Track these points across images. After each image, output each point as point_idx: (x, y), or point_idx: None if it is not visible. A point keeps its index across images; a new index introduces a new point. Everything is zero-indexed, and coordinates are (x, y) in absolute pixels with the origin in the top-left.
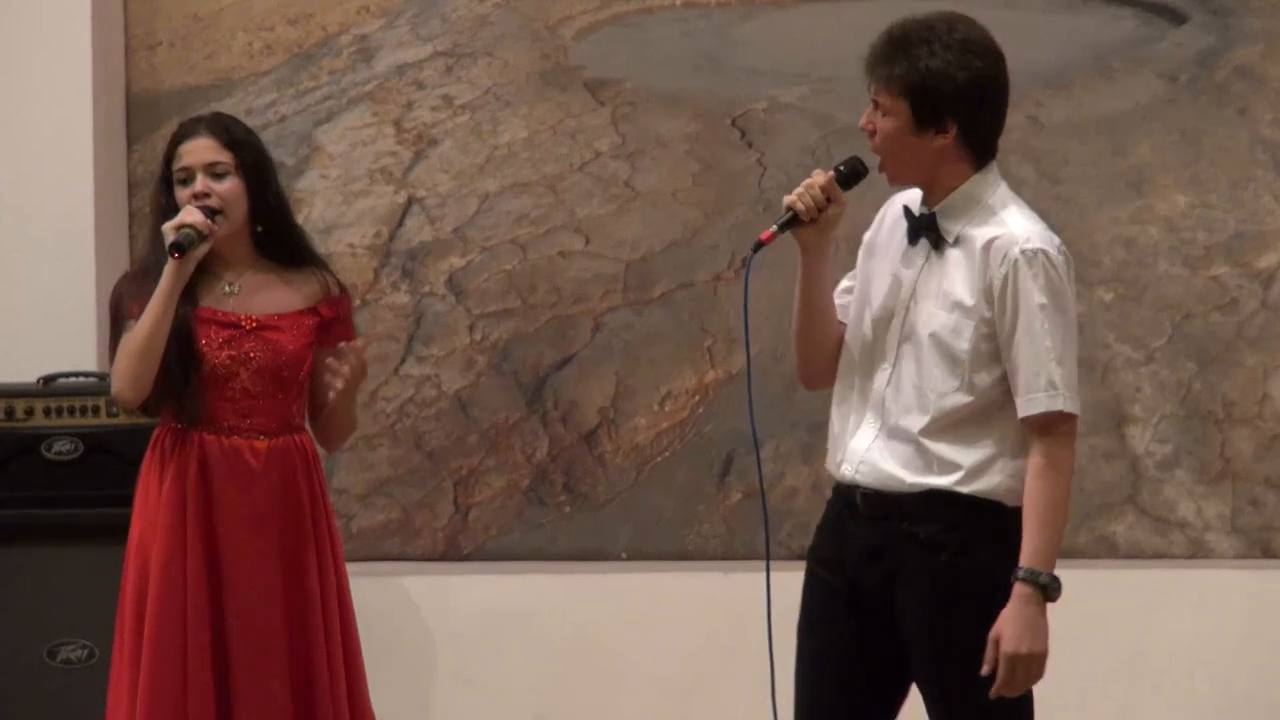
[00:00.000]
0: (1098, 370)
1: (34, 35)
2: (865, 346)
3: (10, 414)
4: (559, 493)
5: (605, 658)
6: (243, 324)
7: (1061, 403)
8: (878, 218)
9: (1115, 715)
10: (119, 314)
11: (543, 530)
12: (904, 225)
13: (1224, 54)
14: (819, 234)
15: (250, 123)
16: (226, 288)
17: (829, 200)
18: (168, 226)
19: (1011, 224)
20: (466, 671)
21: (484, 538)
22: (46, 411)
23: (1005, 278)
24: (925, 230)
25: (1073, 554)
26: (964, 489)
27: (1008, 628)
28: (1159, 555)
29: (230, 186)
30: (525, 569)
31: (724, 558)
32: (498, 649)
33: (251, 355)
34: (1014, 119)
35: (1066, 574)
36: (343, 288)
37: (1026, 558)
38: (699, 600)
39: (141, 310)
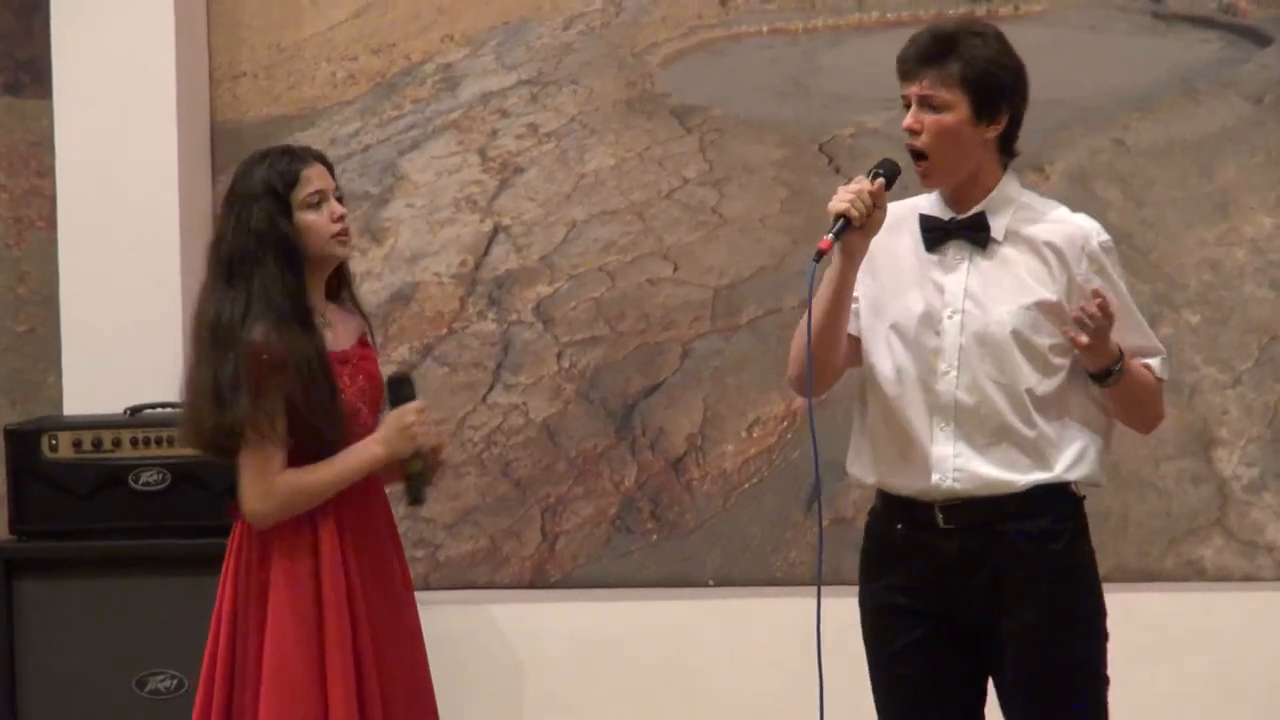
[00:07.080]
0: (1185, 393)
1: (119, 67)
2: (911, 356)
3: (98, 445)
4: (646, 520)
5: (693, 684)
6: (350, 358)
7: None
8: None
9: None
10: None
11: (630, 558)
12: (908, 236)
13: None
14: (864, 238)
15: (334, 152)
16: (320, 321)
17: (875, 205)
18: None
19: (1069, 218)
20: (555, 699)
21: (571, 565)
22: (134, 442)
23: (1094, 272)
24: (968, 231)
25: (1160, 577)
26: (1070, 476)
27: None
28: (1247, 578)
29: None
30: (613, 596)
31: (812, 584)
32: (586, 676)
33: (365, 387)
34: (1100, 142)
35: (1154, 597)
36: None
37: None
38: (787, 627)
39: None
